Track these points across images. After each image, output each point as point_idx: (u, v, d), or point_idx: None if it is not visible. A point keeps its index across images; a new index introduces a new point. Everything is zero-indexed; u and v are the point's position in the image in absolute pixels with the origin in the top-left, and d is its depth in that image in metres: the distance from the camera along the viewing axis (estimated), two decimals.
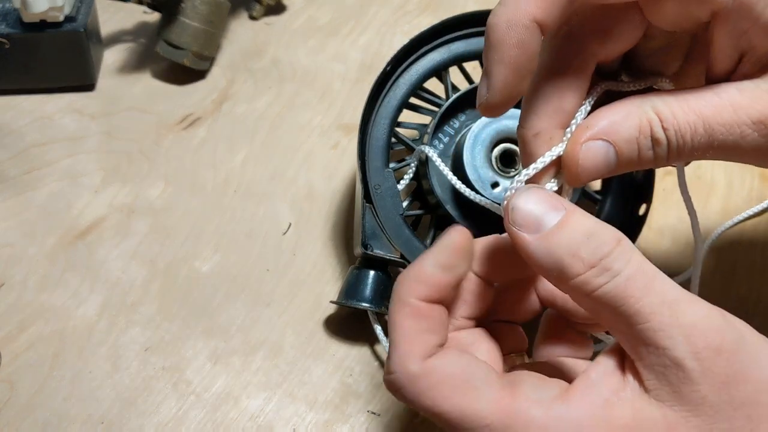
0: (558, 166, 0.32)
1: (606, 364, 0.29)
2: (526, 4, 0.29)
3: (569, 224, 0.28)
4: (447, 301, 0.31)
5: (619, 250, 0.28)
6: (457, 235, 0.31)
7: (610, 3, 0.30)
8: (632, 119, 0.30)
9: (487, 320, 0.35)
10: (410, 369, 0.29)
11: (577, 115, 0.31)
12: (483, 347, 0.32)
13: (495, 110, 0.31)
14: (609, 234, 0.28)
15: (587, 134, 0.30)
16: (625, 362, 0.28)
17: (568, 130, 0.31)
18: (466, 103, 0.52)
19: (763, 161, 0.31)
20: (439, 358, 0.29)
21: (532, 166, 0.31)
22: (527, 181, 0.31)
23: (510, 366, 0.34)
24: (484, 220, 0.50)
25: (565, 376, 0.31)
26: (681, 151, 0.30)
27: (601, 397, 0.27)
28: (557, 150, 0.31)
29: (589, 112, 0.32)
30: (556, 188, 0.32)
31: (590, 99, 0.32)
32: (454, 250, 0.31)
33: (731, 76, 0.31)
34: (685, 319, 0.27)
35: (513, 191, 0.30)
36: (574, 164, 0.30)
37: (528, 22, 0.29)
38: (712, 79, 0.32)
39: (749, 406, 0.26)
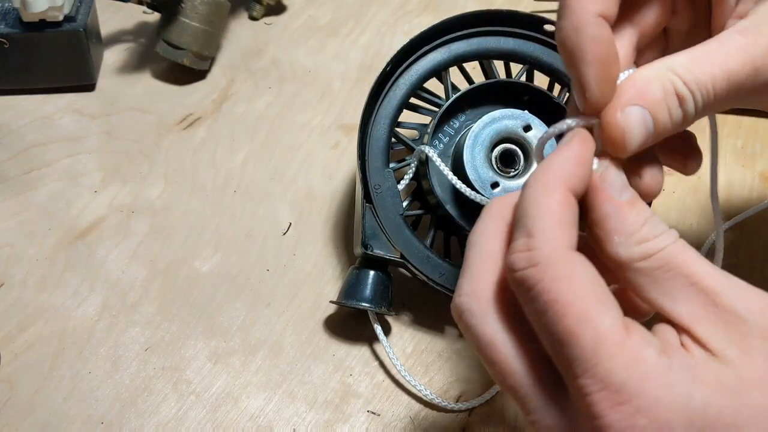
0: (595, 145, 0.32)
1: (668, 335, 0.28)
2: (585, 5, 0.31)
3: (640, 202, 0.30)
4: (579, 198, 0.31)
5: (672, 231, 0.29)
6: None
7: None
8: (655, 83, 0.31)
9: None
10: (556, 250, 0.27)
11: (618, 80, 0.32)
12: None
13: (600, 106, 0.32)
14: (659, 221, 0.30)
15: (622, 100, 0.31)
16: (681, 334, 0.28)
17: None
18: (466, 103, 0.52)
19: None
20: (582, 258, 0.28)
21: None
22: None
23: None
24: None
25: None
26: (707, 103, 0.31)
27: (684, 361, 0.27)
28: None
29: None
30: (599, 170, 0.32)
31: (632, 69, 0.33)
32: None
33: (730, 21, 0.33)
34: (738, 282, 0.28)
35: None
36: (619, 132, 0.31)
37: (594, 19, 0.31)
38: (717, 31, 0.33)
39: None
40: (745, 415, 0.26)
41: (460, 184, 0.47)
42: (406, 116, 0.54)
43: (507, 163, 0.50)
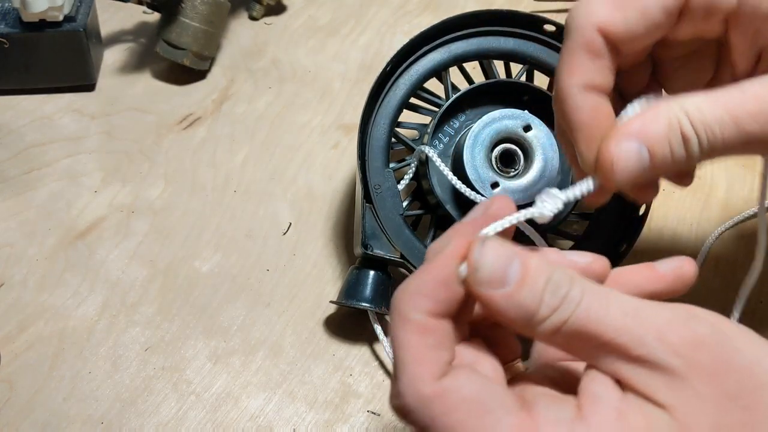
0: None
1: (603, 378, 0.28)
2: (566, 77, 0.34)
3: (530, 274, 0.28)
4: (454, 314, 0.29)
5: (574, 285, 0.28)
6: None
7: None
8: (661, 119, 0.31)
9: (478, 326, 0.33)
10: (422, 391, 0.27)
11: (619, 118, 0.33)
12: (487, 362, 0.30)
13: (592, 170, 0.33)
14: (562, 273, 0.28)
15: (619, 136, 0.31)
16: (618, 381, 0.28)
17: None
18: (466, 103, 0.52)
19: None
20: (452, 378, 0.27)
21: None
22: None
23: (510, 376, 0.33)
24: None
25: (567, 379, 0.30)
26: (713, 147, 0.31)
27: (612, 409, 0.27)
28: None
29: None
30: (593, 189, 0.33)
31: (632, 105, 0.33)
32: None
33: (753, 74, 0.33)
34: (651, 323, 0.27)
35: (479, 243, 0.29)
36: (608, 165, 0.31)
37: (576, 90, 0.34)
38: (737, 81, 0.33)
39: (743, 396, 0.26)
40: None
41: (460, 184, 0.47)
42: (406, 116, 0.54)
43: (507, 163, 0.50)
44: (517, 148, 0.50)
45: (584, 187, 0.32)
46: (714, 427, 0.26)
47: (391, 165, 0.51)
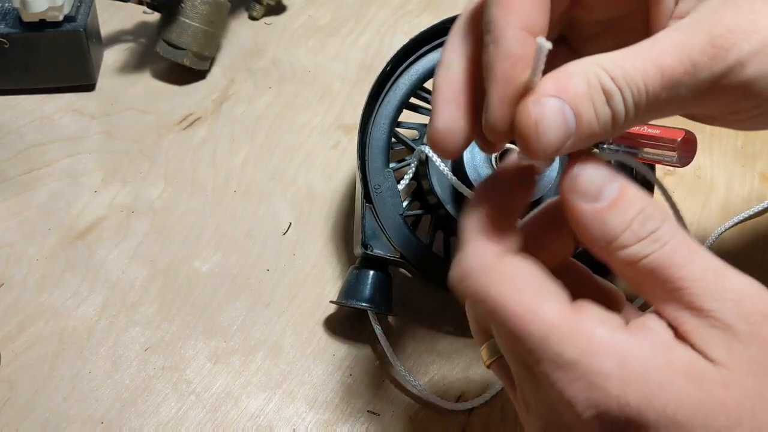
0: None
1: (656, 320, 0.28)
2: (505, 17, 0.28)
3: (625, 199, 0.28)
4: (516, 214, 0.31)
5: (666, 226, 0.28)
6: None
7: None
8: (577, 76, 0.28)
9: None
10: (486, 258, 0.28)
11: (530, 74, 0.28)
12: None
13: (498, 130, 0.29)
14: (658, 211, 0.28)
15: (537, 94, 0.27)
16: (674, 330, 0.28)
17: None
18: None
19: (723, 100, 0.29)
20: (514, 256, 0.29)
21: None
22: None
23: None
24: None
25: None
26: (640, 102, 0.28)
27: (660, 339, 0.27)
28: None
29: None
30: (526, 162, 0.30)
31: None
32: None
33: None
34: (731, 284, 0.27)
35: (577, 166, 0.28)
36: (532, 125, 0.27)
37: (514, 33, 0.29)
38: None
39: None
40: (711, 407, 0.26)
41: (460, 184, 0.47)
42: (406, 116, 0.54)
43: None
44: (517, 148, 0.50)
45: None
46: (759, 395, 0.26)
47: (391, 165, 0.51)
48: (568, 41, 0.34)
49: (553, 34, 0.32)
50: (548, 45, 0.27)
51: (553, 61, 0.28)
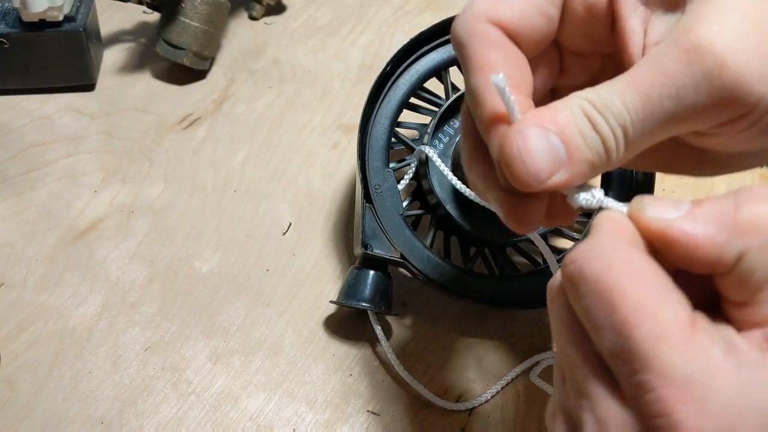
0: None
1: (756, 334, 0.26)
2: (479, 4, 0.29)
3: (702, 201, 0.27)
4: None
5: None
6: None
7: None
8: (561, 108, 0.28)
9: None
10: (618, 244, 0.26)
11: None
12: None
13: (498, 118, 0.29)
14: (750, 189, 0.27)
15: (517, 125, 0.28)
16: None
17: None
18: None
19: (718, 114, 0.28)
20: (647, 255, 0.26)
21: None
22: None
23: None
24: (485, 220, 0.50)
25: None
26: (624, 125, 0.28)
27: (758, 365, 0.25)
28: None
29: None
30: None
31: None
32: None
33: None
34: None
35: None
36: (516, 155, 0.27)
37: (485, 23, 0.29)
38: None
39: None
40: None
41: (459, 185, 0.47)
42: (406, 116, 0.54)
43: None
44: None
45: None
46: None
47: (391, 165, 0.51)
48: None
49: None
50: (501, 79, 0.27)
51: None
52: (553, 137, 0.27)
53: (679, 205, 0.27)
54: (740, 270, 0.25)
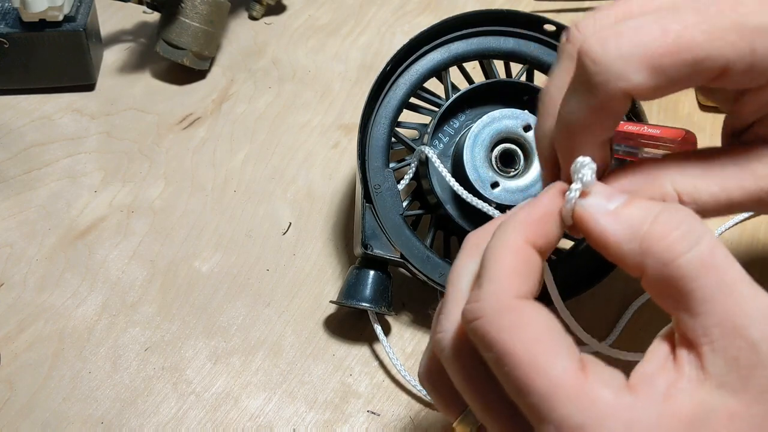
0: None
1: (658, 355, 0.28)
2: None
3: (636, 201, 0.28)
4: (545, 255, 0.30)
5: (697, 222, 0.27)
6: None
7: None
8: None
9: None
10: (503, 300, 0.27)
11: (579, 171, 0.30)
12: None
13: None
14: (681, 207, 0.28)
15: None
16: (676, 350, 0.28)
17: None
18: (466, 103, 0.52)
19: None
20: (530, 304, 0.28)
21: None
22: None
23: None
24: (485, 220, 0.50)
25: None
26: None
27: (659, 391, 0.26)
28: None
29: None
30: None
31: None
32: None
33: (744, 134, 0.32)
34: (764, 300, 0.26)
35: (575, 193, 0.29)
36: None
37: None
38: (726, 132, 0.33)
39: None
40: None
41: (457, 187, 0.47)
42: (406, 116, 0.54)
43: (507, 162, 0.50)
44: (517, 148, 0.50)
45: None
46: (766, 421, 0.25)
47: (391, 165, 0.51)
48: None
49: None
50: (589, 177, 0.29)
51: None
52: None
53: (615, 197, 0.28)
54: (645, 284, 0.28)
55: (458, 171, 0.50)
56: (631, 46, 0.28)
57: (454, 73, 0.54)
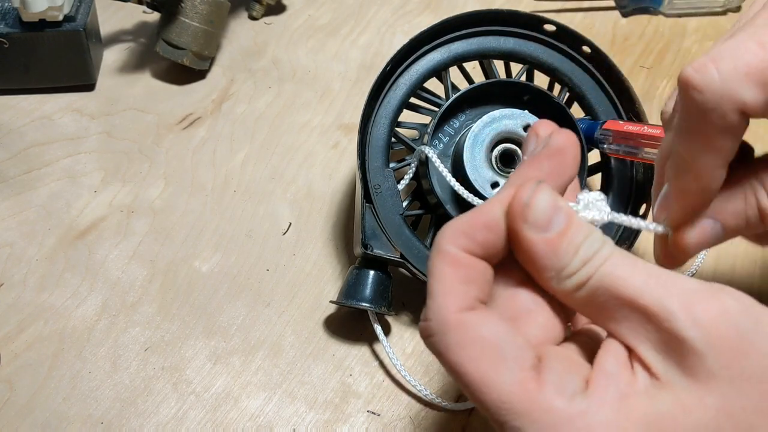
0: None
1: (619, 352, 0.28)
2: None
3: (572, 227, 0.28)
4: (493, 259, 0.29)
5: (606, 245, 0.28)
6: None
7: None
8: (738, 195, 0.32)
9: None
10: (445, 318, 0.28)
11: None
12: (542, 315, 0.30)
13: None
14: (599, 233, 0.28)
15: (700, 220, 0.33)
16: (631, 353, 0.28)
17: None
18: (466, 103, 0.52)
19: None
20: (475, 315, 0.28)
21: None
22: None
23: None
24: None
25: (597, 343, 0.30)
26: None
27: (618, 391, 0.26)
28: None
29: None
30: (661, 231, 0.34)
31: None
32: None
33: None
34: (678, 287, 0.26)
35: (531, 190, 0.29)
36: (683, 243, 0.33)
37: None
38: None
39: (764, 381, 0.25)
40: None
41: (458, 186, 0.47)
42: (406, 116, 0.54)
43: (507, 162, 0.50)
44: (517, 148, 0.50)
45: (651, 226, 0.34)
46: (722, 410, 0.25)
47: (391, 165, 0.51)
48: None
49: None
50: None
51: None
52: (717, 226, 0.34)
53: (560, 215, 0.28)
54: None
55: (458, 171, 0.50)
56: (732, 66, 0.28)
57: (454, 73, 0.54)
